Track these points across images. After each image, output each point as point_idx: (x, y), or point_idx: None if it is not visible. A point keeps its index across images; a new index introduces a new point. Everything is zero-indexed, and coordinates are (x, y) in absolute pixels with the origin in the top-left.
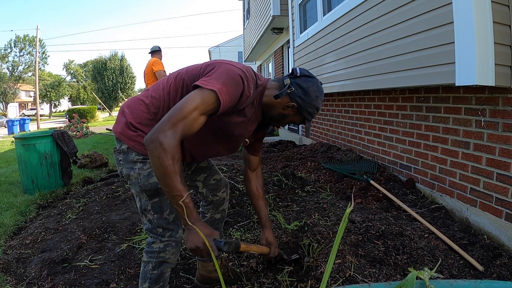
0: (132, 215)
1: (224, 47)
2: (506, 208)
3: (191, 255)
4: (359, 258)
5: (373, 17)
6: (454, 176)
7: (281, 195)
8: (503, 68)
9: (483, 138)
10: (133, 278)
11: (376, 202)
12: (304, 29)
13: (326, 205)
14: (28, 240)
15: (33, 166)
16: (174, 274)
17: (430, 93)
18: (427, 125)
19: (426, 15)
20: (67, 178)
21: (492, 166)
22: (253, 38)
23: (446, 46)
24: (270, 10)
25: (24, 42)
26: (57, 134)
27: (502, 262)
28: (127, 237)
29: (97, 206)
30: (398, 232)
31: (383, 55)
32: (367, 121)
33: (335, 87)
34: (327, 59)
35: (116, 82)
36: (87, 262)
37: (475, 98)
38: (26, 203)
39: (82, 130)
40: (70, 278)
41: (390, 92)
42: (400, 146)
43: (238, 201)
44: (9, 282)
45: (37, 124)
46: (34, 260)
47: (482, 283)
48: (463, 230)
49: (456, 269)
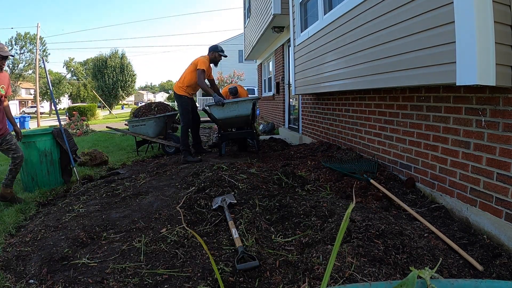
0: (132, 213)
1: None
2: (506, 208)
3: None
4: (359, 257)
5: (374, 16)
6: (454, 175)
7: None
8: (504, 68)
9: (483, 138)
10: (132, 276)
11: (376, 201)
12: (305, 28)
13: (326, 204)
14: (28, 237)
15: (33, 164)
16: None
17: (431, 93)
18: (428, 124)
19: (427, 15)
20: (67, 176)
21: (492, 166)
22: (253, 36)
23: (447, 45)
24: (271, 9)
25: (25, 39)
26: (57, 132)
27: (501, 262)
28: (127, 235)
29: (97, 204)
30: (398, 231)
31: (383, 54)
32: (368, 120)
33: (336, 86)
34: (327, 58)
35: (116, 80)
36: (86, 260)
37: (475, 98)
38: (26, 200)
39: (82, 128)
40: (69, 275)
41: (391, 91)
42: (401, 145)
43: (237, 200)
44: (9, 279)
45: (37, 121)
46: (34, 257)
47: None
48: (463, 229)
49: (455, 268)
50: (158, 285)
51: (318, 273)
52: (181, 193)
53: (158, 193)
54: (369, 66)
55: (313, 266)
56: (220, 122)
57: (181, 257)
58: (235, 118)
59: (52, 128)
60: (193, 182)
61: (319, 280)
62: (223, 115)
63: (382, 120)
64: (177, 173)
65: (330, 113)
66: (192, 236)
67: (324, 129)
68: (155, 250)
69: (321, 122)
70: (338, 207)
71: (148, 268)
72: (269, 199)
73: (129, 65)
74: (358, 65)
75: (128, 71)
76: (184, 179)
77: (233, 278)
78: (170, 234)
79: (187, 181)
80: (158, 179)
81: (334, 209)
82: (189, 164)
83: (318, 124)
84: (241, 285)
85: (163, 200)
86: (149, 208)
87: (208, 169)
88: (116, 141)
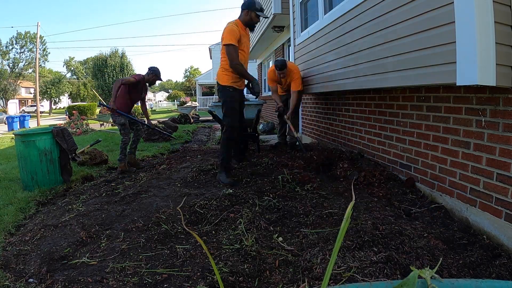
0: (132, 212)
1: None
2: (506, 208)
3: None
4: (359, 257)
5: (374, 16)
6: (454, 175)
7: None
8: (504, 68)
9: (483, 138)
10: (132, 275)
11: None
12: (305, 28)
13: (326, 204)
14: (28, 236)
15: (33, 163)
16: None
17: (431, 93)
18: (428, 124)
19: (428, 15)
20: (67, 175)
21: (492, 166)
22: (253, 36)
23: (447, 45)
24: (271, 8)
25: (25, 39)
26: (57, 131)
27: (501, 262)
28: (127, 234)
29: (96, 203)
30: (397, 231)
31: (384, 54)
32: (368, 120)
33: (336, 86)
34: (328, 57)
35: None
36: (86, 259)
37: (475, 98)
38: (25, 199)
39: (82, 127)
40: (69, 274)
41: (391, 91)
42: (401, 145)
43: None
44: (8, 278)
45: (37, 121)
46: (34, 256)
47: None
48: (463, 230)
49: (455, 268)
50: (158, 284)
51: (317, 273)
52: (181, 193)
53: (158, 192)
54: (369, 66)
55: (312, 265)
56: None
57: (181, 256)
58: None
59: (52, 127)
60: (194, 182)
61: (318, 279)
62: None
63: (382, 120)
64: (177, 172)
65: (330, 113)
66: (192, 235)
67: (324, 128)
68: (154, 250)
69: (321, 122)
70: (337, 206)
71: (148, 268)
72: (269, 199)
73: (129, 64)
74: (358, 65)
75: (128, 71)
76: (184, 179)
77: (233, 278)
78: (170, 234)
79: (187, 181)
80: (158, 179)
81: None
82: (225, 183)
83: (318, 123)
84: (241, 285)
85: (163, 199)
86: (149, 208)
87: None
88: (116, 140)
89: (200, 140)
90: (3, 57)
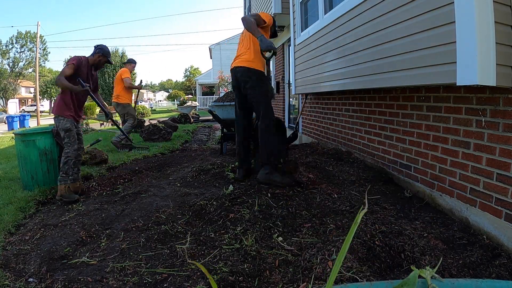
0: (132, 212)
1: (224, 45)
2: (506, 209)
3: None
4: (359, 257)
5: (374, 16)
6: (454, 175)
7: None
8: (505, 68)
9: (483, 138)
10: (132, 275)
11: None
12: (305, 27)
13: (328, 204)
14: (28, 236)
15: (33, 163)
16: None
17: (431, 93)
18: (428, 124)
19: (428, 14)
20: None
21: (492, 166)
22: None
23: (447, 45)
24: (271, 8)
25: (25, 38)
26: (57, 131)
27: (501, 262)
28: (126, 234)
29: (96, 203)
30: (397, 231)
31: (384, 54)
32: (368, 120)
33: (336, 86)
34: (328, 57)
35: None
36: (86, 258)
37: (475, 98)
38: (25, 199)
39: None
40: (69, 274)
41: (391, 91)
42: (401, 145)
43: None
44: (8, 278)
45: (37, 120)
46: (33, 256)
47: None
48: (463, 230)
49: (455, 268)
50: (158, 284)
51: (317, 273)
52: (181, 192)
53: (158, 192)
54: (370, 65)
55: (312, 265)
56: (223, 122)
57: (181, 256)
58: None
59: (52, 127)
60: (194, 182)
61: (318, 279)
62: (227, 116)
63: (382, 120)
64: (177, 172)
65: (330, 113)
66: (191, 235)
67: (324, 128)
68: (154, 249)
69: (321, 121)
70: (337, 207)
71: (148, 267)
72: (270, 199)
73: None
74: (358, 65)
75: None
76: (184, 178)
77: (233, 277)
78: (169, 233)
79: (187, 181)
80: (159, 178)
81: (334, 209)
82: (274, 184)
83: (318, 123)
84: (241, 284)
85: (163, 199)
86: (148, 207)
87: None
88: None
89: (200, 139)
90: (3, 56)
